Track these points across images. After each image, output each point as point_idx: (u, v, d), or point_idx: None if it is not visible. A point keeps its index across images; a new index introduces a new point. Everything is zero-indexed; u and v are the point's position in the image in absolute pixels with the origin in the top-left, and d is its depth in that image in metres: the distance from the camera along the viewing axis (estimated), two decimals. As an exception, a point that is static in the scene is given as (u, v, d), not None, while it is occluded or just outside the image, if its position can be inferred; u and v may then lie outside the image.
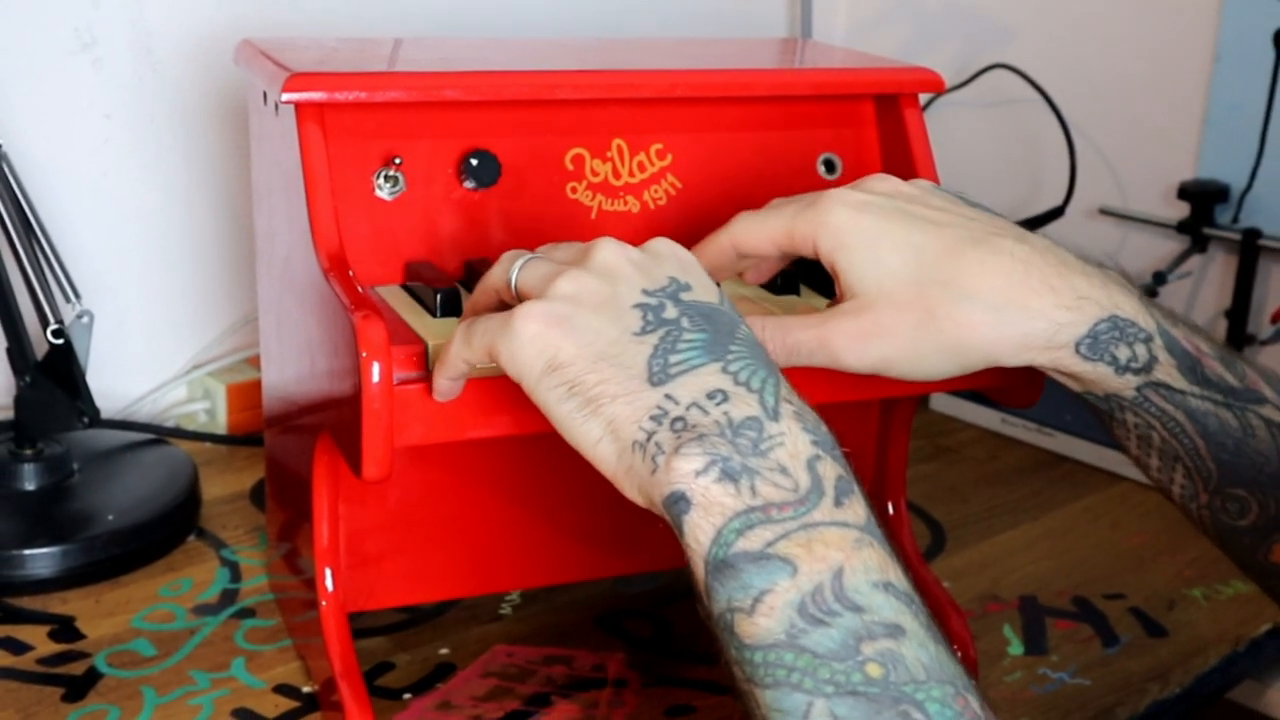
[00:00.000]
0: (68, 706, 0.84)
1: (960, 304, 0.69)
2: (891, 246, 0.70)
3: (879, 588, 0.55)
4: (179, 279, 1.24)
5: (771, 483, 0.57)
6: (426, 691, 0.87)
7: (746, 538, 0.56)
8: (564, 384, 0.61)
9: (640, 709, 0.86)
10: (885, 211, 0.71)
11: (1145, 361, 0.71)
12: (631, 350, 0.61)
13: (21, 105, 1.11)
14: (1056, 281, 0.70)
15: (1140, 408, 0.73)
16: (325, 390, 0.76)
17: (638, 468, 0.59)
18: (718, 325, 0.62)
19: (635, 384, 0.60)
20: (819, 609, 0.54)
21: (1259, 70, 1.30)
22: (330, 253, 0.75)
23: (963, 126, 1.51)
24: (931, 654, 0.54)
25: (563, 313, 0.62)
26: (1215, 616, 1.00)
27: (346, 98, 0.78)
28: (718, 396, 0.59)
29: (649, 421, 0.59)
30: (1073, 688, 0.91)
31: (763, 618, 0.54)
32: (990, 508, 1.16)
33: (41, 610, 0.94)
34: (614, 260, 0.64)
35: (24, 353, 1.02)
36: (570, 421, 0.61)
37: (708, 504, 0.56)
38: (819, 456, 0.58)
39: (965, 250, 0.70)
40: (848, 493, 0.58)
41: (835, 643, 0.53)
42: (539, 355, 0.61)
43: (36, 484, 1.03)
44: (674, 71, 0.87)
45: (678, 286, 0.63)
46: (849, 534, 0.56)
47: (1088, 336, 0.70)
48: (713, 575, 0.56)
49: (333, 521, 0.82)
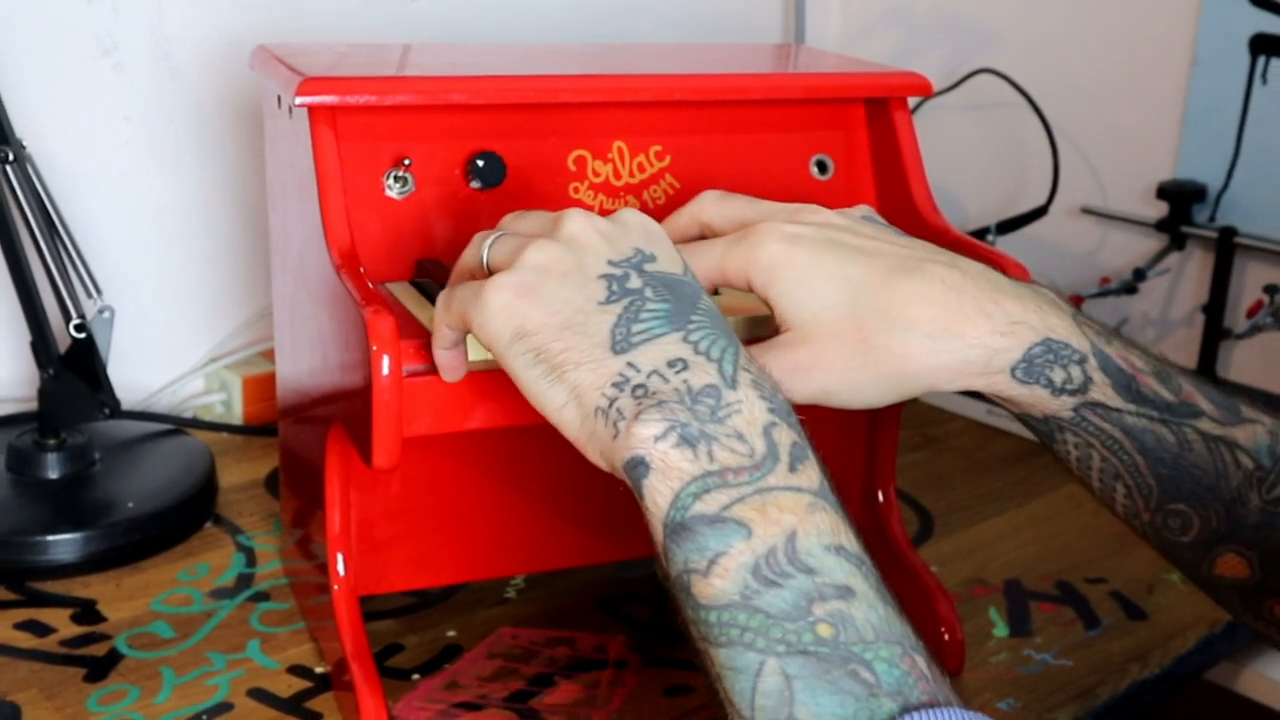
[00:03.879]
0: (90, 686, 0.84)
1: (895, 333, 0.67)
2: (824, 278, 0.68)
3: (831, 550, 0.55)
4: (196, 275, 1.24)
5: (728, 448, 0.56)
6: (434, 672, 0.87)
7: (703, 501, 0.55)
8: (531, 350, 0.61)
9: (640, 689, 0.86)
10: (816, 243, 0.69)
11: (1080, 383, 0.69)
12: (596, 319, 0.61)
13: (45, 108, 1.11)
14: (990, 307, 0.68)
15: (1078, 428, 0.71)
16: (337, 382, 0.76)
17: (600, 433, 0.59)
18: (680, 295, 0.62)
19: (599, 352, 0.60)
20: (772, 571, 0.54)
21: (1235, 74, 1.30)
22: (342, 250, 0.75)
23: (950, 128, 1.51)
24: (880, 615, 0.54)
25: (530, 282, 0.62)
26: (1193, 600, 0.99)
27: (357, 101, 0.78)
28: (678, 365, 0.59)
29: (611, 388, 0.59)
30: (1056, 668, 0.91)
31: (718, 579, 0.54)
32: (977, 495, 1.16)
33: (64, 594, 0.94)
34: (581, 231, 0.64)
35: (47, 346, 1.02)
36: (536, 387, 0.61)
37: (666, 468, 0.56)
38: (775, 423, 0.58)
39: (898, 279, 0.68)
40: (802, 458, 0.57)
41: (787, 603, 0.53)
42: (507, 323, 0.61)
43: (59, 473, 1.03)
44: (672, 76, 0.87)
45: (642, 257, 0.63)
46: (802, 498, 0.56)
47: (1022, 361, 0.68)
48: (670, 537, 0.56)
49: (344, 508, 0.82)
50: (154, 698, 0.83)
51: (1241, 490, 0.70)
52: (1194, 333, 1.36)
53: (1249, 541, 0.70)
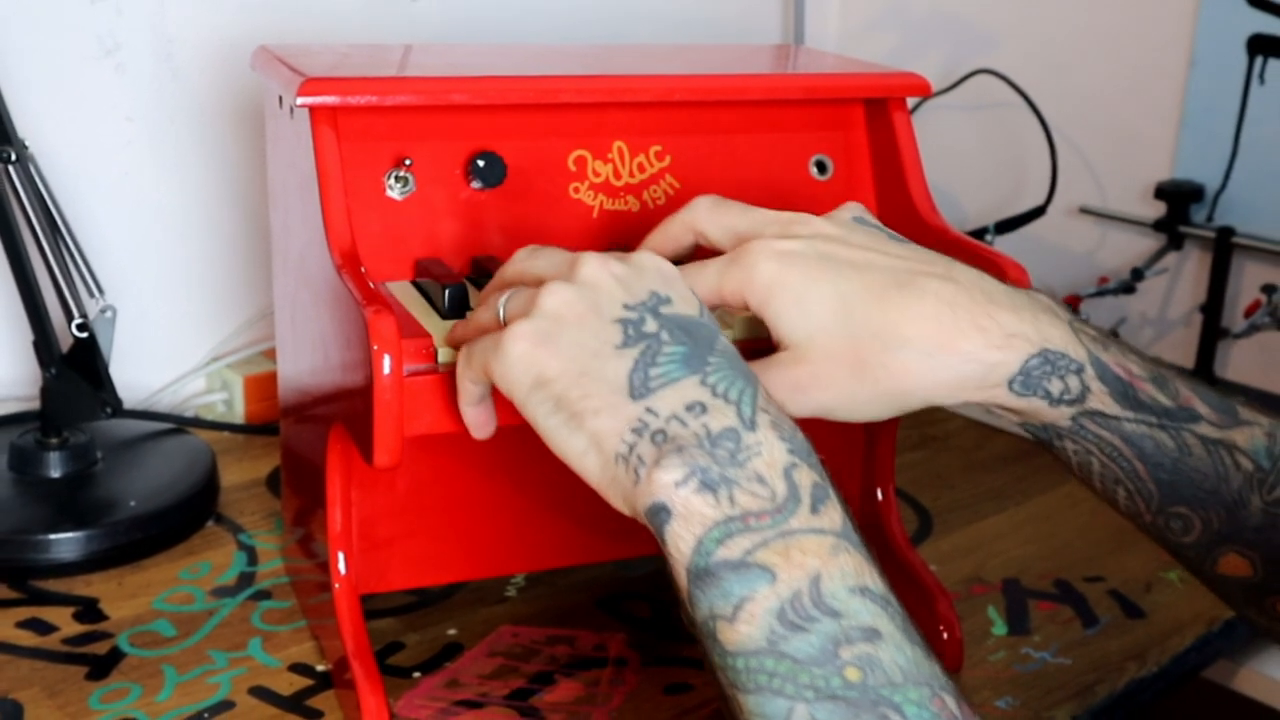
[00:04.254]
0: (92, 684, 0.84)
1: (892, 351, 0.67)
2: (818, 298, 0.67)
3: (856, 592, 0.55)
4: (198, 275, 1.24)
5: (749, 492, 0.56)
6: (435, 670, 0.87)
7: (726, 546, 0.55)
8: (550, 399, 0.61)
9: (640, 687, 0.86)
10: (809, 260, 0.68)
11: (1078, 392, 0.69)
12: (613, 364, 0.60)
13: (47, 109, 1.11)
14: (985, 321, 0.67)
15: (1077, 436, 0.71)
16: (338, 381, 0.76)
17: (621, 479, 0.59)
18: (696, 338, 0.62)
19: (617, 398, 0.60)
20: (798, 615, 0.54)
21: (1233, 75, 1.30)
22: (343, 250, 0.75)
23: (949, 129, 1.51)
24: (908, 656, 0.54)
25: (547, 329, 0.62)
26: (1191, 598, 0.99)
27: (359, 101, 0.78)
28: (696, 409, 0.59)
29: (630, 434, 0.59)
30: (1054, 667, 0.91)
31: (744, 625, 0.54)
32: (975, 494, 1.16)
33: (66, 592, 0.94)
34: (596, 274, 0.63)
35: (49, 346, 1.02)
36: (557, 435, 0.61)
37: (688, 514, 0.56)
38: (795, 465, 0.58)
39: (892, 296, 0.67)
40: (823, 499, 0.57)
41: (814, 648, 0.53)
42: (526, 372, 0.61)
43: (62, 472, 1.03)
44: (672, 76, 0.87)
45: (658, 300, 0.63)
46: (825, 540, 0.56)
47: (1020, 374, 0.68)
48: (695, 583, 0.56)
49: (345, 507, 0.82)
50: (156, 696, 0.83)
51: (1242, 492, 0.70)
52: (1192, 332, 1.36)
53: (1250, 542, 0.70)
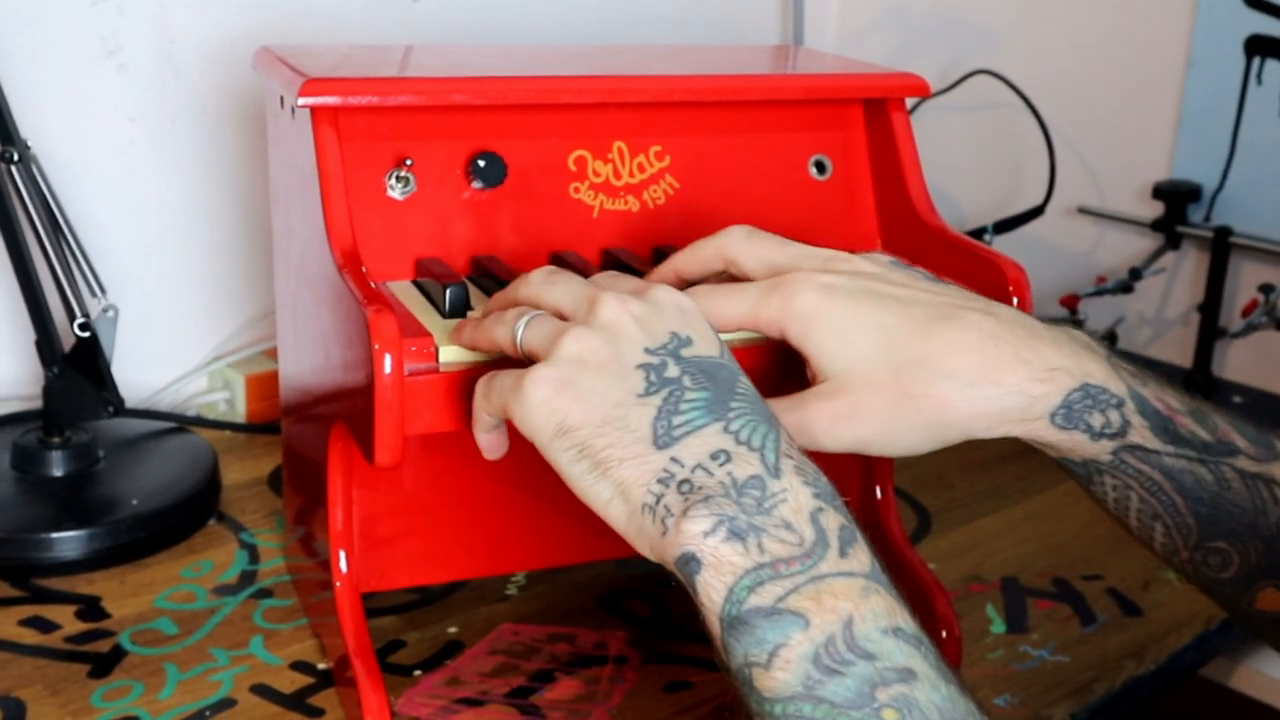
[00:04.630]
0: (94, 682, 0.84)
1: (935, 383, 0.67)
2: (860, 329, 0.67)
3: (889, 633, 0.55)
4: (200, 274, 1.24)
5: (778, 539, 0.56)
6: (436, 668, 0.87)
7: (758, 594, 0.55)
8: (574, 446, 0.61)
9: (640, 684, 0.86)
10: (851, 293, 0.68)
11: (1119, 426, 0.69)
12: (636, 413, 0.60)
13: (50, 109, 1.11)
14: (1028, 354, 0.68)
15: (1117, 470, 0.71)
16: (339, 381, 0.76)
17: (648, 529, 0.59)
18: (718, 382, 0.62)
19: (641, 447, 0.60)
20: (833, 659, 0.54)
21: (1230, 75, 1.30)
22: (344, 250, 0.75)
23: (948, 129, 1.51)
24: (944, 694, 0.54)
25: (569, 376, 0.61)
26: (1188, 597, 0.99)
27: (360, 102, 0.78)
28: (721, 457, 0.59)
29: (656, 485, 0.59)
30: (1052, 665, 0.91)
31: (779, 671, 0.54)
32: (974, 493, 1.16)
33: (69, 591, 0.94)
34: (616, 318, 0.63)
35: (52, 345, 1.02)
36: (582, 482, 0.61)
37: (718, 563, 0.56)
38: (821, 509, 0.58)
39: (935, 328, 0.67)
40: (851, 542, 0.57)
41: (851, 691, 0.53)
42: (549, 419, 0.61)
43: (64, 470, 1.03)
44: (672, 77, 0.87)
45: (679, 342, 0.63)
46: (856, 583, 0.56)
47: (1062, 407, 0.68)
48: (728, 632, 0.56)
49: (346, 506, 0.82)
50: (158, 694, 0.83)
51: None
52: (1189, 331, 1.36)
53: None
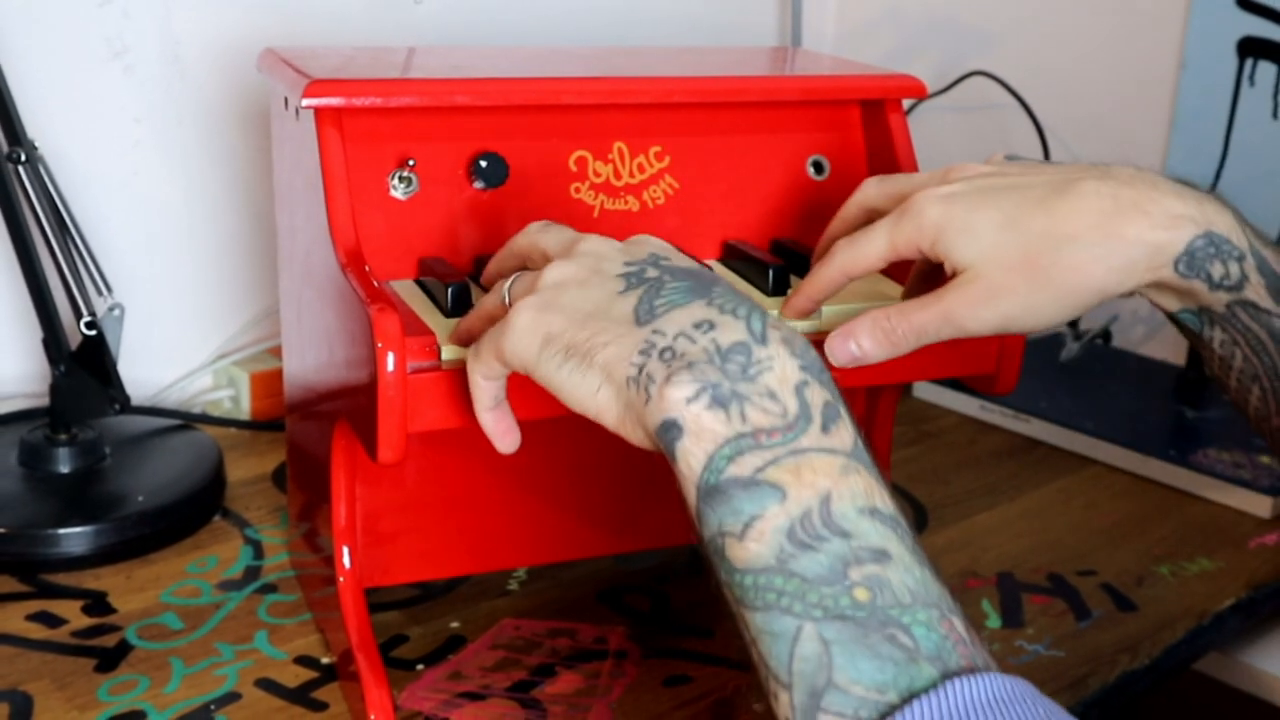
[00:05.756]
0: (100, 676, 0.84)
1: (1062, 250, 0.69)
2: (985, 221, 0.70)
3: (865, 513, 0.54)
4: (205, 273, 1.24)
5: (760, 408, 0.55)
6: (438, 663, 0.87)
7: (737, 464, 0.54)
8: (559, 351, 0.60)
9: (640, 679, 0.86)
10: (969, 194, 0.72)
11: (1237, 279, 0.71)
12: (618, 304, 0.61)
13: (57, 110, 1.11)
14: (1149, 206, 0.70)
15: (1228, 324, 0.73)
16: (343, 378, 0.76)
17: (633, 402, 0.58)
18: (699, 276, 0.62)
19: (623, 328, 0.59)
20: (807, 534, 0.53)
21: (1223, 77, 1.30)
22: (347, 249, 0.75)
23: (944, 130, 1.51)
24: (917, 578, 0.53)
25: (550, 298, 0.62)
26: (1182, 592, 1.00)
27: (363, 103, 0.78)
28: (704, 326, 0.58)
29: (639, 356, 0.58)
30: (1047, 659, 0.91)
31: (753, 542, 0.53)
32: (969, 489, 1.16)
33: (75, 586, 0.94)
34: (597, 245, 0.65)
35: (59, 343, 1.02)
36: (570, 383, 0.60)
37: (699, 430, 0.55)
38: (806, 382, 0.57)
39: (1053, 201, 0.70)
40: (835, 418, 0.56)
41: (823, 568, 0.52)
42: (533, 336, 0.61)
43: (71, 467, 1.03)
44: (672, 78, 0.87)
45: (657, 257, 0.64)
46: (836, 460, 0.55)
47: (1185, 254, 0.70)
48: (704, 500, 0.55)
49: (350, 502, 0.82)
50: (163, 687, 0.83)
51: None
52: (1183, 330, 1.36)
53: None
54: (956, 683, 0.50)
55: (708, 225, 0.87)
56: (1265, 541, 1.07)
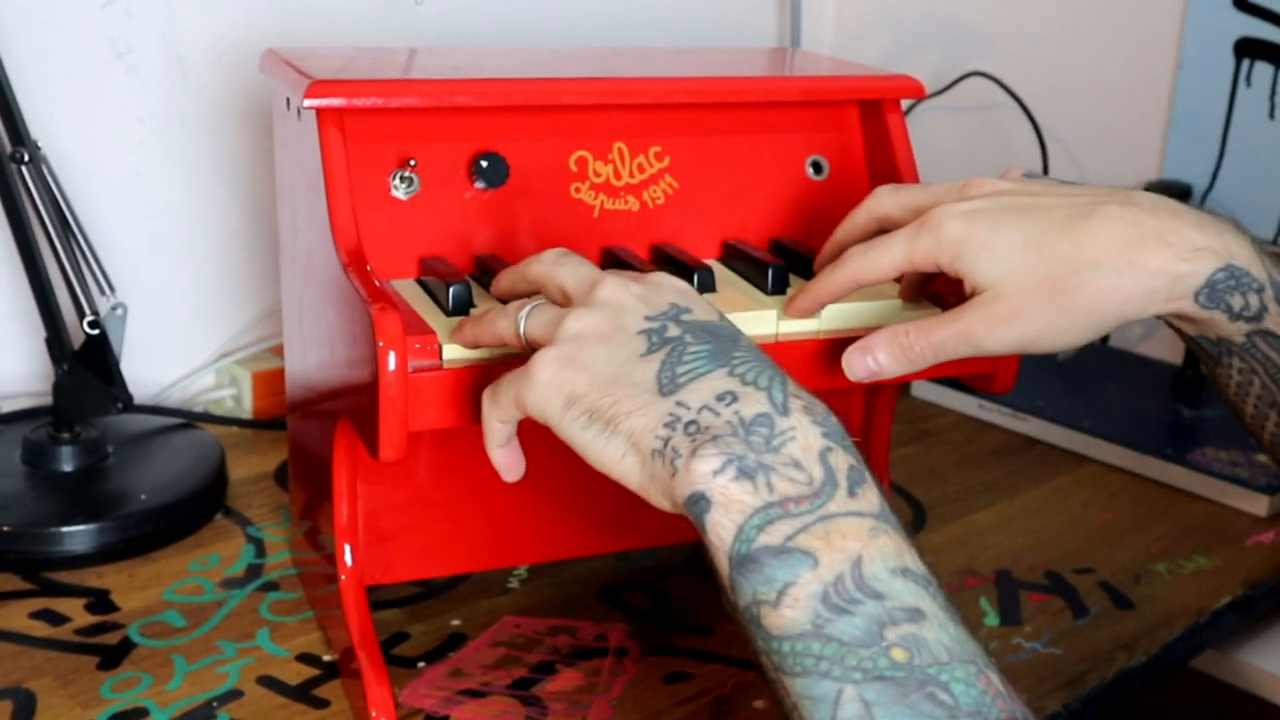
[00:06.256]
0: (103, 674, 0.84)
1: (1084, 274, 0.69)
2: (1007, 240, 0.70)
3: (897, 573, 0.54)
4: (207, 273, 1.24)
5: (787, 477, 0.56)
6: (439, 660, 0.87)
7: (767, 533, 0.55)
8: (583, 413, 0.61)
9: (640, 676, 0.86)
10: (992, 211, 0.71)
11: (1257, 310, 0.71)
12: (640, 369, 0.60)
13: (60, 110, 1.11)
14: (1170, 236, 0.70)
15: (1247, 353, 0.73)
16: (344, 377, 0.76)
17: (659, 474, 0.58)
18: (720, 337, 0.62)
19: (647, 397, 0.59)
20: (841, 598, 0.53)
21: (1220, 77, 1.30)
22: (349, 249, 0.75)
23: (942, 130, 1.51)
24: (952, 635, 0.53)
25: (572, 353, 0.62)
26: (1179, 590, 0.99)
27: (364, 103, 0.78)
28: (727, 398, 0.58)
29: (664, 429, 0.58)
30: (1045, 656, 0.91)
31: (788, 609, 0.54)
32: (968, 488, 1.16)
33: (78, 584, 0.94)
34: (616, 295, 0.64)
35: (62, 343, 1.02)
36: (594, 446, 0.61)
37: (727, 502, 0.56)
38: (830, 448, 0.57)
39: (1077, 224, 0.70)
40: (860, 482, 0.57)
41: (860, 630, 0.53)
42: (557, 394, 0.61)
43: (74, 465, 1.03)
44: (672, 79, 0.87)
45: (678, 310, 0.63)
46: (864, 523, 0.55)
47: (1205, 286, 0.70)
48: (737, 570, 0.55)
49: (351, 500, 0.82)
50: (166, 685, 0.83)
51: None
52: (1180, 329, 1.36)
53: None
54: None
55: (707, 225, 0.87)
56: (1262, 540, 1.07)
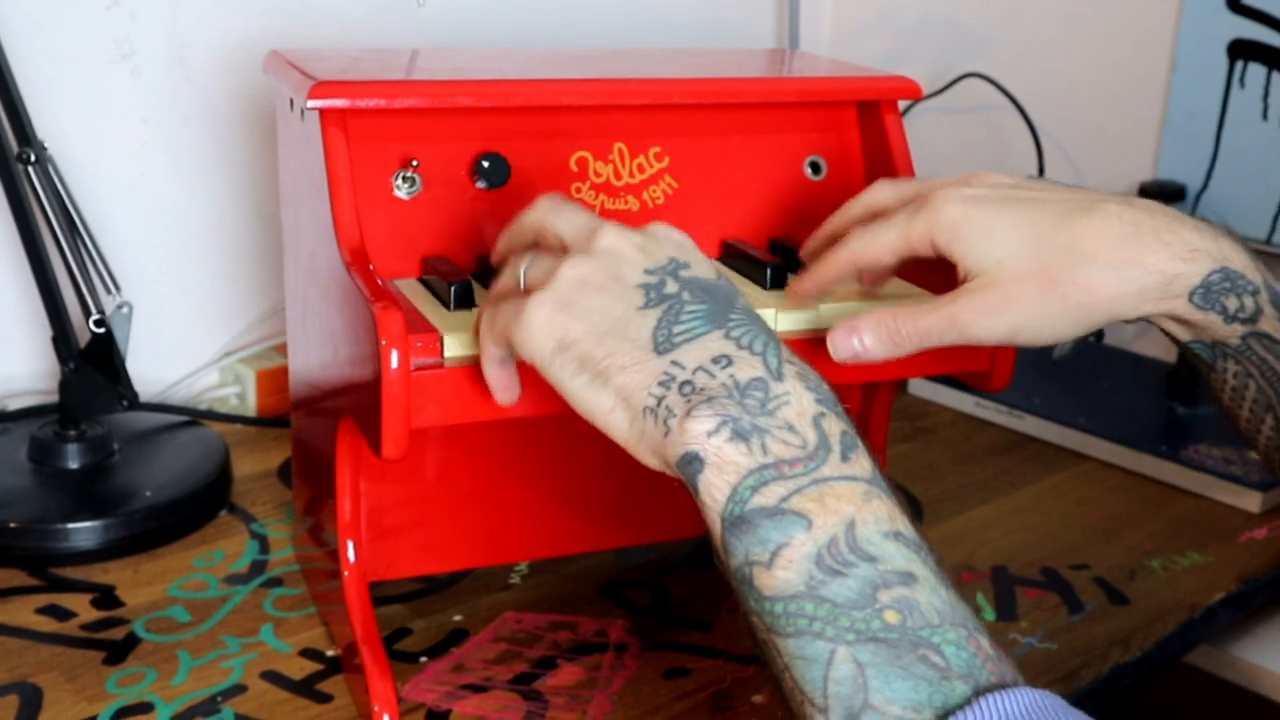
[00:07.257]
0: (109, 669, 0.84)
1: (1079, 268, 0.69)
2: (1005, 227, 0.70)
3: (890, 537, 0.54)
4: (211, 272, 1.24)
5: (781, 440, 0.56)
6: (441, 655, 0.87)
7: (761, 494, 0.55)
8: (574, 360, 0.60)
9: (640, 671, 0.86)
10: (993, 199, 0.71)
11: (1252, 312, 0.71)
12: (637, 323, 0.60)
13: (66, 111, 1.11)
14: (1169, 236, 0.70)
15: (1242, 356, 0.73)
16: (347, 376, 0.76)
17: (650, 432, 0.58)
18: (717, 297, 0.62)
19: (642, 354, 0.59)
20: (835, 560, 0.53)
21: (1214, 79, 1.30)
22: (352, 248, 0.75)
23: (939, 130, 1.51)
24: (943, 598, 0.53)
25: (568, 296, 0.61)
26: (1173, 586, 1.00)
27: (367, 104, 0.77)
28: (722, 361, 0.58)
29: (658, 387, 0.58)
30: (1041, 652, 0.91)
31: (781, 570, 0.54)
32: (964, 485, 1.16)
33: (84, 580, 0.94)
34: (615, 244, 0.63)
35: (68, 341, 1.02)
36: (582, 395, 0.60)
37: (721, 463, 0.55)
38: (823, 414, 0.57)
39: (1076, 219, 0.69)
40: (852, 447, 0.57)
41: (853, 592, 0.53)
42: (549, 337, 0.61)
43: (80, 463, 1.03)
44: (671, 80, 0.87)
45: (677, 265, 0.63)
46: (857, 487, 0.55)
47: (1201, 287, 0.70)
48: (729, 531, 0.55)
49: (354, 497, 0.82)
50: (171, 680, 0.83)
51: None
52: (1174, 328, 1.36)
53: None
54: (989, 698, 0.50)
55: (706, 225, 0.87)
56: (1255, 536, 1.07)
